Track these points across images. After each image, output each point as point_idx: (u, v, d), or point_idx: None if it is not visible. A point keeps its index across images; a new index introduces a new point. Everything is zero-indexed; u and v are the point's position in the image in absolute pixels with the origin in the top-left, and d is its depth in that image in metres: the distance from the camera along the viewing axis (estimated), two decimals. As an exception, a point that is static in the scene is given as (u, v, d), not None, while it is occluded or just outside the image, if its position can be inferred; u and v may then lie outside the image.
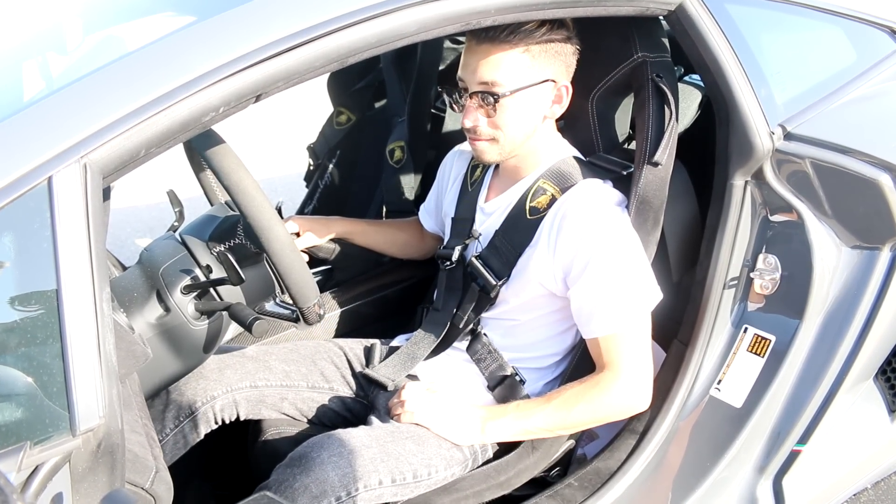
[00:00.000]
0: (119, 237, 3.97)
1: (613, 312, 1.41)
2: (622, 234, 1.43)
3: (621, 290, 1.41)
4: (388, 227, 2.08)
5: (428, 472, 1.46)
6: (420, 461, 1.45)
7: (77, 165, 0.94)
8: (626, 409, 1.47)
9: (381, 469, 1.40)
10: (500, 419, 1.48)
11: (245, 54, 1.03)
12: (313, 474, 1.32)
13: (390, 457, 1.42)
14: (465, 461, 1.52)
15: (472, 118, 1.47)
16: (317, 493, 1.31)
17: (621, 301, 1.41)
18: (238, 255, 1.37)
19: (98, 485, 0.98)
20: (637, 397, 1.46)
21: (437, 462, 1.47)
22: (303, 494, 1.31)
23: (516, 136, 1.48)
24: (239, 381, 1.58)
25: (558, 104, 1.51)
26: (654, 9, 1.40)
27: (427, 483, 1.46)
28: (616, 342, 1.42)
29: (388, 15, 1.12)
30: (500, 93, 1.42)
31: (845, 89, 1.66)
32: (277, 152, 4.93)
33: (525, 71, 1.43)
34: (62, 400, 0.93)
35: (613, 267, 1.40)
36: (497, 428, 1.48)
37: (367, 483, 1.37)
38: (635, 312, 1.42)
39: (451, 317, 1.65)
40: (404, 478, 1.42)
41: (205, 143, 1.26)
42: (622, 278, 1.41)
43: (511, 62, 1.41)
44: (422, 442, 1.48)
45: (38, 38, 1.63)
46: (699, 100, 1.76)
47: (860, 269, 1.52)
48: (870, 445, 1.71)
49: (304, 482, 1.32)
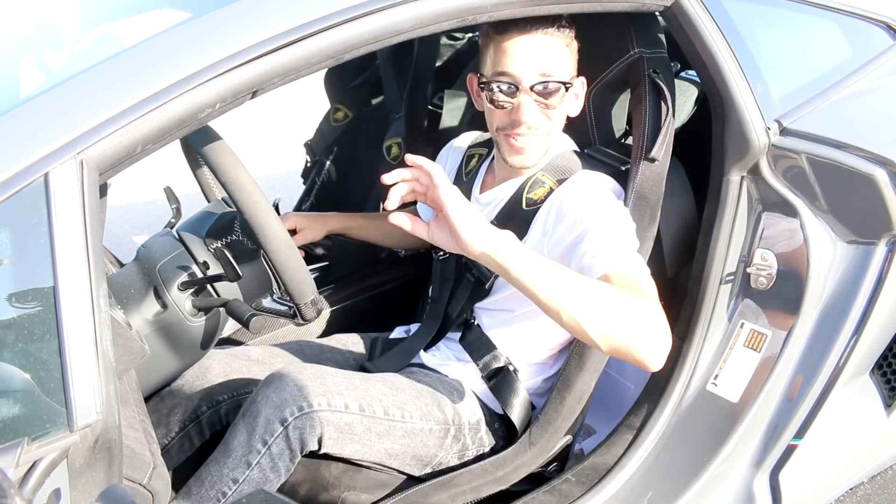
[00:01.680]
0: (116, 234, 3.97)
1: (615, 243, 1.28)
2: (616, 205, 1.40)
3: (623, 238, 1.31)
4: (385, 220, 2.08)
5: (401, 415, 1.46)
6: (391, 402, 1.46)
7: (73, 162, 0.94)
8: (658, 329, 1.15)
9: (346, 394, 1.41)
10: (526, 252, 1.14)
11: (241, 50, 1.03)
12: (274, 385, 1.38)
13: (357, 389, 1.44)
14: (447, 425, 1.52)
15: (532, 113, 1.42)
16: (278, 401, 1.36)
17: (622, 235, 1.31)
18: (235, 252, 1.37)
19: (96, 480, 0.98)
20: (663, 338, 1.15)
21: (412, 409, 1.48)
22: (265, 405, 1.36)
23: (560, 129, 1.50)
24: (244, 385, 1.58)
25: (577, 101, 1.52)
26: (651, 4, 1.40)
27: (402, 427, 1.46)
28: (631, 274, 1.24)
29: (384, 11, 1.12)
30: (564, 81, 1.42)
31: (841, 85, 1.67)
32: (275, 149, 4.92)
33: (568, 64, 1.45)
34: (59, 396, 0.93)
35: (611, 219, 1.33)
36: (517, 251, 1.12)
37: (332, 402, 1.39)
38: (636, 257, 1.29)
39: (445, 306, 1.66)
40: (374, 411, 1.43)
41: (201, 140, 1.26)
42: (621, 232, 1.32)
43: (563, 54, 1.43)
44: (395, 388, 1.49)
45: (34, 34, 1.63)
46: (695, 96, 1.76)
47: (856, 263, 1.52)
48: (866, 440, 1.71)
49: (266, 393, 1.37)
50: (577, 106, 1.52)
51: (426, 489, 1.46)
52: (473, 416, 1.57)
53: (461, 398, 1.56)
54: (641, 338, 1.13)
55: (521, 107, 1.41)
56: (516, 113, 1.41)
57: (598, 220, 1.33)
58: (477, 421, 1.57)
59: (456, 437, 1.54)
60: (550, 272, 1.12)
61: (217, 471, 1.36)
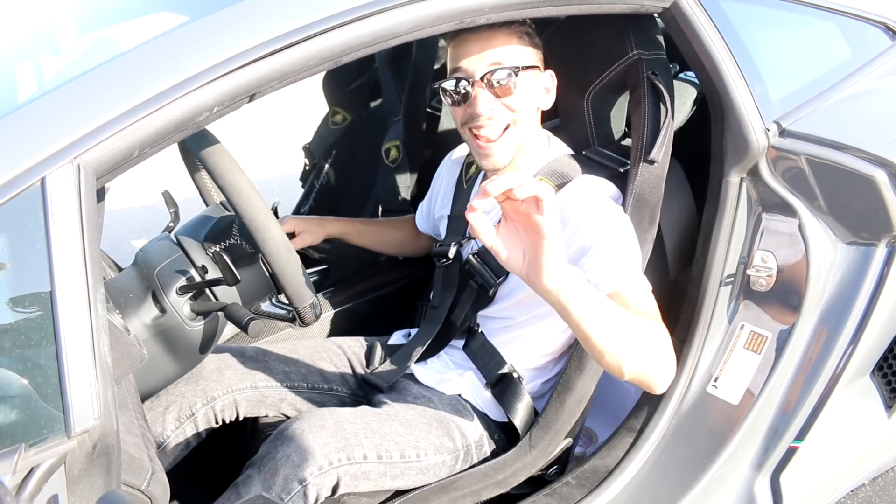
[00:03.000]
0: (114, 238, 3.97)
1: (622, 269, 1.29)
2: (620, 219, 1.40)
3: (627, 255, 1.32)
4: (383, 225, 2.08)
5: (416, 454, 1.46)
6: (407, 442, 1.45)
7: (70, 166, 0.94)
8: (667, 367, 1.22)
9: (365, 444, 1.40)
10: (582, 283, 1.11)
11: (239, 53, 1.03)
12: (294, 444, 1.35)
13: (375, 434, 1.43)
14: (457, 452, 1.52)
15: (487, 104, 1.43)
16: (298, 461, 1.33)
17: (625, 260, 1.31)
18: (233, 256, 1.36)
19: (94, 486, 0.97)
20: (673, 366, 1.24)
21: (426, 446, 1.48)
22: (284, 464, 1.33)
23: (528, 121, 1.48)
24: (239, 381, 1.58)
25: (548, 94, 1.52)
26: (649, 6, 1.40)
27: (417, 466, 1.46)
28: (635, 295, 1.27)
29: (381, 13, 1.12)
30: (514, 70, 1.42)
31: (840, 86, 1.67)
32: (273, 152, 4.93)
33: (524, 54, 1.46)
34: (57, 401, 0.92)
35: (615, 235, 1.34)
36: (579, 285, 1.09)
37: (351, 455, 1.38)
38: (639, 276, 1.31)
39: (447, 314, 1.65)
40: (391, 456, 1.42)
41: (199, 143, 1.26)
42: (625, 247, 1.34)
43: (513, 45, 1.44)
44: (409, 425, 1.48)
45: (32, 39, 1.63)
46: (694, 97, 1.76)
47: (856, 265, 1.52)
48: (867, 441, 1.71)
49: (285, 452, 1.34)
50: (547, 99, 1.52)
51: (426, 493, 1.46)
52: (476, 433, 1.57)
53: (463, 417, 1.57)
54: (660, 369, 1.21)
55: (477, 98, 1.43)
56: (473, 105, 1.44)
57: (602, 235, 1.33)
58: (480, 436, 1.58)
59: (465, 460, 1.55)
60: (603, 315, 1.12)
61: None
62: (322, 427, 1.39)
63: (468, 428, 1.56)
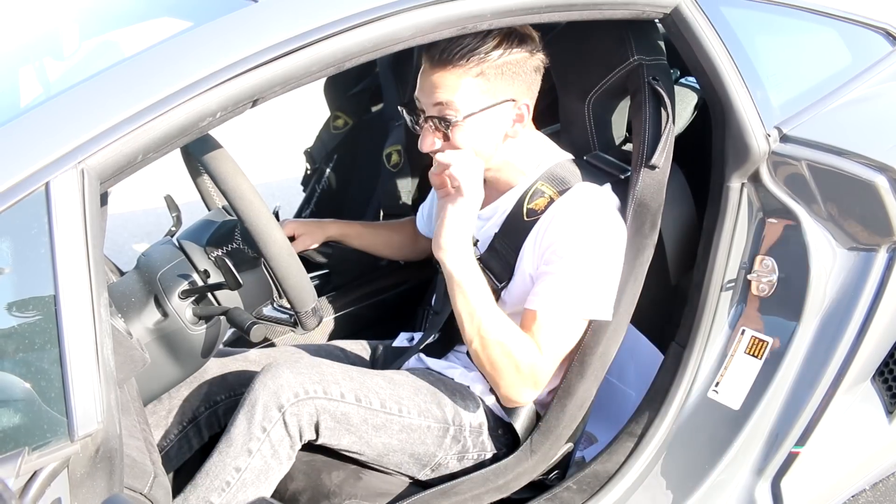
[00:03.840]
0: (117, 242, 3.97)
1: (560, 294, 1.40)
2: (603, 238, 1.43)
3: (580, 282, 1.40)
4: (383, 228, 2.08)
5: (398, 409, 1.46)
6: (389, 395, 1.46)
7: (74, 171, 0.94)
8: (518, 383, 1.40)
9: (342, 384, 1.42)
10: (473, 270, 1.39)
11: (242, 59, 1.03)
12: (271, 374, 1.38)
13: (354, 380, 1.44)
14: (446, 424, 1.51)
15: (429, 142, 1.42)
16: (274, 388, 1.36)
17: (574, 290, 1.40)
18: (236, 260, 1.37)
19: (96, 490, 0.97)
20: (531, 383, 1.41)
21: (409, 404, 1.48)
22: (262, 392, 1.36)
23: (483, 156, 1.44)
24: (242, 385, 1.57)
25: (520, 123, 1.46)
26: (650, 12, 1.40)
27: (399, 421, 1.46)
28: (549, 323, 1.41)
29: (384, 19, 1.12)
30: (453, 118, 1.39)
31: (841, 91, 1.67)
32: (275, 157, 4.93)
33: (480, 95, 1.39)
34: (60, 405, 0.93)
35: (577, 258, 1.40)
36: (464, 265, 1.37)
37: (328, 390, 1.39)
38: (577, 308, 1.42)
39: (449, 319, 1.65)
40: (370, 402, 1.43)
41: (202, 148, 1.26)
42: (585, 275, 1.40)
43: (465, 86, 1.38)
44: (394, 383, 1.50)
45: (34, 43, 1.63)
46: (695, 102, 1.76)
47: (857, 270, 1.52)
48: (868, 447, 1.71)
49: (262, 381, 1.37)
50: (517, 128, 1.46)
51: (427, 497, 1.46)
52: (476, 420, 1.56)
53: (464, 399, 1.56)
54: (506, 387, 1.41)
55: (423, 136, 1.44)
56: (420, 142, 1.45)
57: (567, 260, 1.41)
58: (479, 424, 1.56)
59: (455, 438, 1.53)
60: (474, 307, 1.38)
61: (220, 461, 1.36)
62: (298, 362, 1.42)
63: (465, 409, 1.54)
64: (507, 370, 1.39)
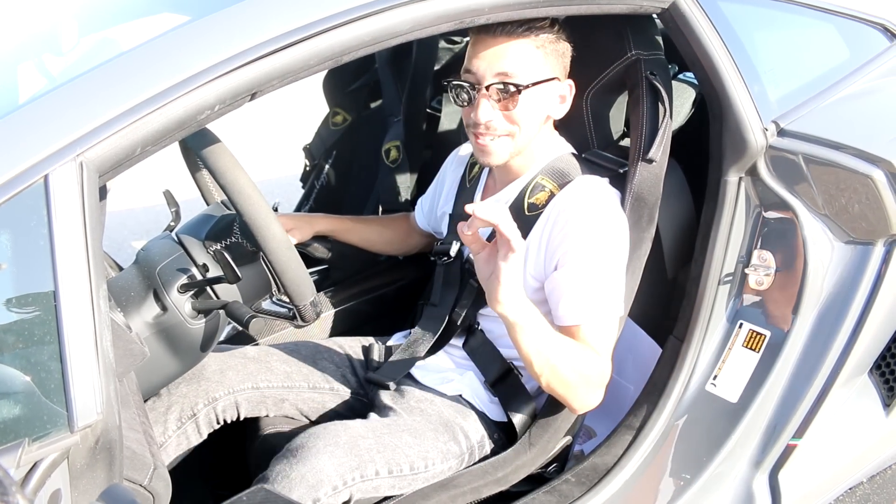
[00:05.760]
0: (115, 239, 3.98)
1: (594, 302, 1.40)
2: (612, 236, 1.43)
3: (606, 285, 1.41)
4: (373, 223, 2.08)
5: (425, 465, 1.46)
6: (417, 453, 1.46)
7: (73, 164, 0.95)
8: (591, 393, 1.41)
9: (377, 459, 1.40)
10: (531, 310, 1.32)
11: (240, 52, 1.03)
12: (309, 464, 1.33)
13: (387, 448, 1.42)
14: (462, 455, 1.53)
15: (487, 112, 1.43)
16: (313, 482, 1.32)
17: (604, 293, 1.41)
18: (234, 254, 1.37)
19: (96, 481, 0.98)
20: (601, 386, 1.42)
21: (434, 455, 1.48)
22: (299, 484, 1.31)
23: (530, 132, 1.48)
24: (240, 382, 1.58)
25: (562, 104, 1.51)
26: (648, 7, 1.41)
27: (424, 476, 1.47)
28: (595, 330, 1.41)
29: (382, 13, 1.13)
30: (522, 84, 1.41)
31: (838, 86, 1.67)
32: (273, 153, 4.93)
33: (539, 66, 1.43)
34: (60, 397, 0.93)
35: (594, 261, 1.40)
36: (529, 318, 1.31)
37: (364, 473, 1.38)
38: (611, 309, 1.42)
39: (448, 312, 1.66)
40: (401, 469, 1.43)
41: (200, 142, 1.27)
42: (607, 276, 1.41)
43: (528, 55, 1.42)
44: (418, 435, 1.49)
45: (33, 40, 1.63)
46: (693, 97, 1.77)
47: (854, 264, 1.52)
48: (865, 439, 1.71)
49: (300, 472, 1.32)
50: (560, 109, 1.52)
51: (426, 490, 1.47)
52: (478, 433, 1.57)
53: (465, 418, 1.57)
54: (580, 398, 1.40)
55: (479, 107, 1.43)
56: (475, 112, 1.44)
57: (581, 259, 1.41)
58: (481, 437, 1.58)
59: (468, 462, 1.56)
60: (543, 346, 1.33)
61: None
62: (336, 445, 1.37)
63: (471, 429, 1.56)
64: (581, 386, 1.39)
